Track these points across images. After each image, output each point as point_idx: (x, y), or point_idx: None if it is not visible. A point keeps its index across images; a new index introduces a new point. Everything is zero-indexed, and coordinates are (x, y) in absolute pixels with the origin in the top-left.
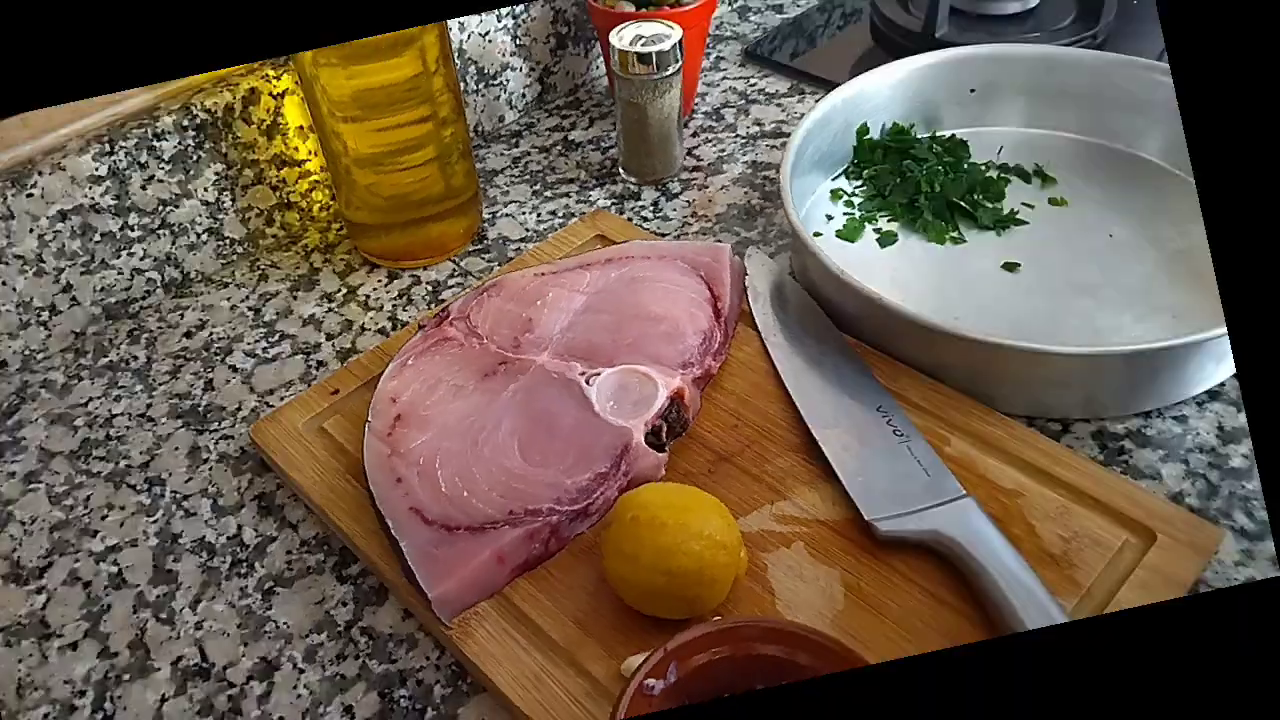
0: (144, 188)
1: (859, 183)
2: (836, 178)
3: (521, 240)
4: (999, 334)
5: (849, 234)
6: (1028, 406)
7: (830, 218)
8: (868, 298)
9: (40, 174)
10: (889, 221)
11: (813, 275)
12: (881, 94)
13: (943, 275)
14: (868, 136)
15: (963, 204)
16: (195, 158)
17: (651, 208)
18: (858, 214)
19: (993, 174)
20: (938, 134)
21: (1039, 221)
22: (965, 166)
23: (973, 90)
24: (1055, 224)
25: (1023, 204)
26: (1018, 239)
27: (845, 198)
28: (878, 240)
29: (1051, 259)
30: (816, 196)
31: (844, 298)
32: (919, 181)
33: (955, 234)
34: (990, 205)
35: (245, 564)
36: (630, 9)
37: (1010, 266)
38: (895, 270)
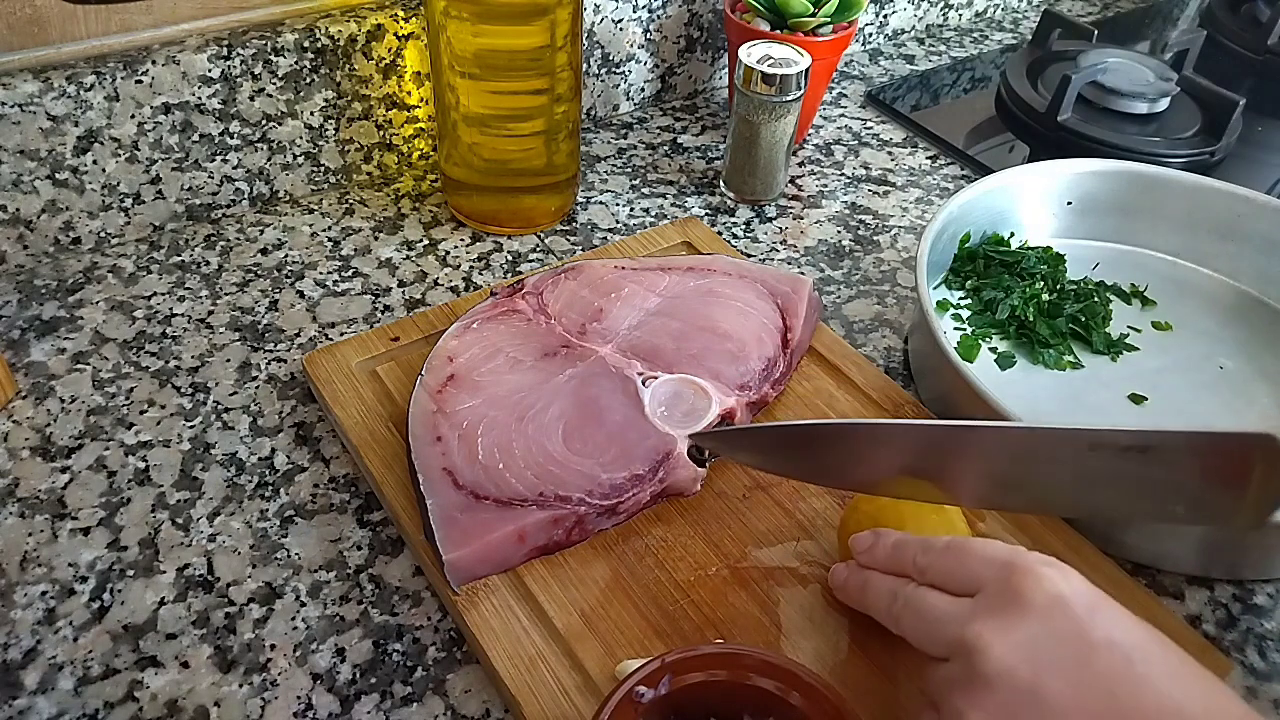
0: (252, 99)
1: (962, 294)
2: (937, 286)
3: (610, 230)
4: None
5: (965, 353)
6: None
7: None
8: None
9: (154, 63)
10: (1001, 340)
11: (946, 383)
12: (985, 201)
13: (1067, 401)
14: (968, 245)
15: (1075, 328)
16: (309, 80)
17: (743, 227)
18: (969, 329)
19: (1091, 289)
20: (1028, 245)
21: (1149, 347)
22: (1065, 283)
23: (1069, 203)
24: (1165, 351)
25: (1129, 327)
26: (1133, 366)
27: (952, 310)
28: (996, 362)
29: (1173, 389)
30: None
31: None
32: (1018, 302)
33: (1072, 359)
34: (1100, 329)
35: (271, 488)
36: (766, 28)
37: (1136, 399)
38: (1012, 388)
